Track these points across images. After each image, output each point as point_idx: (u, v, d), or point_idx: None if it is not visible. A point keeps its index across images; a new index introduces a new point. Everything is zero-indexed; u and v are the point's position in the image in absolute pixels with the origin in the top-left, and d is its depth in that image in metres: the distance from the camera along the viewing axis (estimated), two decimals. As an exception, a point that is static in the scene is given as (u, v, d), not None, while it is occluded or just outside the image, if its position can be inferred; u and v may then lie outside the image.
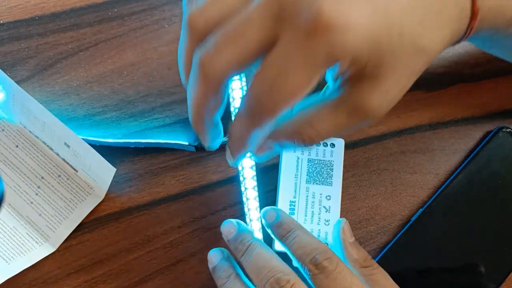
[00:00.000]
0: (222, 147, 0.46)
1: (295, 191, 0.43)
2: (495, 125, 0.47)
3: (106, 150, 0.44)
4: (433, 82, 0.49)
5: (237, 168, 0.44)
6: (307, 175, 0.43)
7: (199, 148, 0.45)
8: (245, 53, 0.28)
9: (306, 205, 0.43)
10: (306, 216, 0.43)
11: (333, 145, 0.44)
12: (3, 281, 0.41)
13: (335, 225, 0.42)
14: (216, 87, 0.29)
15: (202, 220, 0.45)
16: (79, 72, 0.47)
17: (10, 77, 0.43)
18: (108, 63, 0.47)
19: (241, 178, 0.44)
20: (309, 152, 0.44)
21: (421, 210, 0.45)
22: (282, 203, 0.43)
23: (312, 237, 0.39)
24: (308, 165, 0.44)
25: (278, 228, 0.40)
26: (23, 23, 0.48)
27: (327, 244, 0.42)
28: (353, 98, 0.30)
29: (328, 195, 0.43)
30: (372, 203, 0.46)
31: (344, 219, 0.42)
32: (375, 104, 0.30)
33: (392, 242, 0.44)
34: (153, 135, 0.46)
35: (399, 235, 0.44)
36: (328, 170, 0.44)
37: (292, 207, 0.43)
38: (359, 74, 0.29)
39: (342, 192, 0.46)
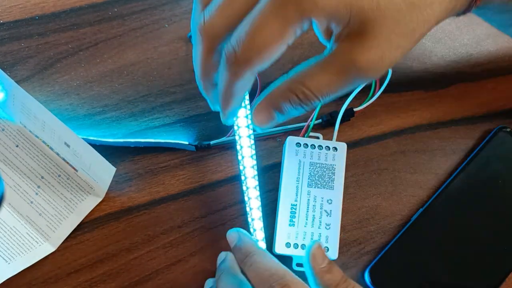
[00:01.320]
0: (222, 147, 0.46)
1: (296, 195, 0.43)
2: (495, 125, 0.47)
3: (106, 150, 0.44)
4: (433, 81, 0.49)
5: (232, 125, 0.41)
6: (308, 178, 0.43)
7: (199, 147, 0.45)
8: (234, 14, 0.31)
9: (307, 209, 0.43)
10: (307, 219, 0.42)
11: (335, 149, 0.44)
12: (3, 280, 0.41)
13: (306, 250, 0.40)
14: (212, 44, 0.32)
15: (202, 219, 0.45)
16: (79, 72, 0.47)
17: (10, 77, 0.43)
18: (108, 63, 0.47)
19: (242, 178, 0.44)
20: (311, 156, 0.44)
21: (421, 209, 0.45)
22: (283, 206, 0.43)
23: (271, 261, 0.37)
24: (310, 168, 0.43)
25: (237, 252, 0.40)
26: (23, 23, 0.48)
27: (327, 249, 0.42)
28: (342, 54, 0.32)
29: (330, 199, 0.43)
30: (372, 202, 0.46)
31: (316, 243, 0.40)
32: (364, 60, 0.31)
33: (392, 242, 0.44)
34: (153, 134, 0.46)
35: (399, 234, 0.44)
36: (330, 174, 0.43)
37: (293, 210, 0.43)
38: (347, 32, 0.31)
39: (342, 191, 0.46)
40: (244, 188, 0.43)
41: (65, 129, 0.42)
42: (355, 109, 0.46)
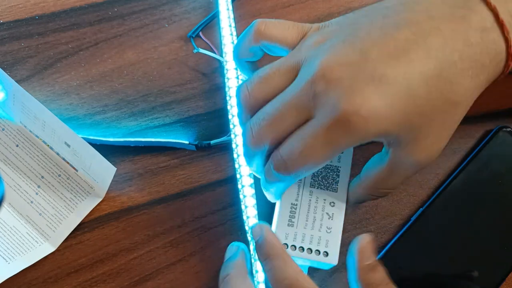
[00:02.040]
0: (222, 147, 0.46)
1: (297, 194, 0.41)
2: (495, 125, 0.47)
3: (106, 150, 0.44)
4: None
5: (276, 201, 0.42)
6: (311, 178, 0.41)
7: (199, 147, 0.45)
8: (283, 131, 0.34)
9: (308, 210, 0.40)
10: (307, 221, 0.40)
11: None
12: (3, 280, 0.41)
13: (354, 241, 0.38)
14: (257, 149, 0.36)
15: (202, 219, 0.45)
16: (79, 72, 0.47)
17: (10, 77, 0.43)
18: (108, 63, 0.47)
19: (238, 176, 0.44)
20: None
21: (421, 209, 0.45)
22: (283, 205, 0.40)
23: (291, 269, 0.36)
24: None
25: (259, 250, 0.38)
26: (23, 23, 0.48)
27: (327, 253, 0.39)
28: (401, 159, 0.34)
29: (332, 202, 0.40)
30: (372, 202, 0.46)
31: (367, 236, 0.38)
32: (423, 158, 0.34)
33: (392, 241, 0.44)
34: (153, 134, 0.46)
35: (399, 234, 0.44)
36: (334, 176, 0.41)
37: (293, 210, 0.40)
38: (399, 141, 0.33)
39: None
40: (239, 186, 0.43)
41: (65, 129, 0.42)
42: None
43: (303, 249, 0.39)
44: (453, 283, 0.43)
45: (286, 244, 0.39)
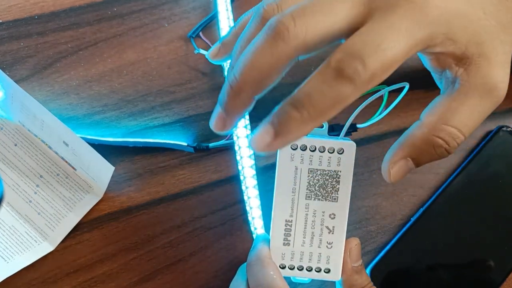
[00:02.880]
0: (221, 149, 0.46)
1: (291, 209, 0.36)
2: (495, 124, 0.47)
3: (105, 150, 0.44)
4: (434, 81, 0.49)
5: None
6: (307, 189, 0.36)
7: (198, 149, 0.45)
8: (331, 26, 0.27)
9: (305, 226, 0.36)
10: (304, 238, 0.36)
11: (341, 150, 0.36)
12: (2, 279, 0.41)
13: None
14: (286, 58, 0.28)
15: (202, 219, 0.45)
16: (78, 71, 0.47)
17: (9, 76, 0.43)
18: (107, 62, 0.47)
19: (241, 177, 0.44)
20: (311, 161, 0.36)
21: (421, 209, 0.45)
22: (276, 224, 0.36)
23: (265, 274, 0.35)
24: (308, 177, 0.36)
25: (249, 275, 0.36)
26: (23, 22, 0.47)
27: (329, 270, 0.36)
28: (477, 79, 0.30)
29: (333, 214, 0.36)
30: (373, 202, 0.46)
31: (356, 239, 0.37)
32: (499, 77, 0.30)
33: (393, 241, 0.44)
34: (152, 134, 0.46)
35: (399, 234, 0.44)
36: (334, 183, 0.36)
37: (288, 227, 0.36)
38: (468, 58, 0.30)
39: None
40: (244, 187, 0.43)
41: (64, 128, 0.42)
42: (358, 126, 0.44)
43: (302, 268, 0.36)
44: (454, 283, 0.43)
45: (283, 265, 0.36)
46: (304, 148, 0.35)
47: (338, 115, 0.44)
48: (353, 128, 0.44)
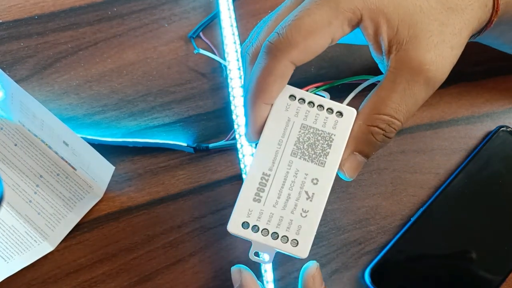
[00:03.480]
0: (220, 150, 0.46)
1: (273, 162, 0.32)
2: (496, 124, 0.47)
3: (105, 150, 0.44)
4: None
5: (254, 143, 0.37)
6: (294, 145, 0.33)
7: (198, 149, 0.45)
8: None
9: (283, 185, 0.32)
10: (279, 198, 0.32)
11: (340, 114, 0.33)
12: (2, 279, 0.41)
13: (302, 269, 0.36)
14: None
15: (202, 219, 0.45)
16: (78, 72, 0.47)
17: (9, 76, 0.43)
18: (107, 63, 0.47)
19: (243, 176, 0.44)
20: (306, 116, 0.33)
21: (421, 209, 0.45)
22: (252, 174, 0.32)
23: None
24: (299, 132, 0.33)
25: None
26: (23, 22, 0.47)
27: (296, 242, 0.32)
28: (404, 64, 0.31)
29: (316, 179, 0.32)
30: (372, 202, 0.46)
31: (315, 263, 0.36)
32: (427, 59, 0.31)
33: (393, 241, 0.44)
34: (152, 134, 0.46)
35: (399, 234, 0.44)
36: (325, 145, 0.33)
37: (264, 182, 0.32)
38: (399, 41, 0.31)
39: (342, 191, 0.45)
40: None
41: (63, 128, 0.42)
42: None
43: (267, 232, 0.32)
44: (454, 283, 0.43)
45: (247, 223, 0.32)
46: (302, 102, 0.33)
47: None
48: None
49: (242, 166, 0.44)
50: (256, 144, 0.34)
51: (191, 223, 0.45)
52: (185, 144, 0.45)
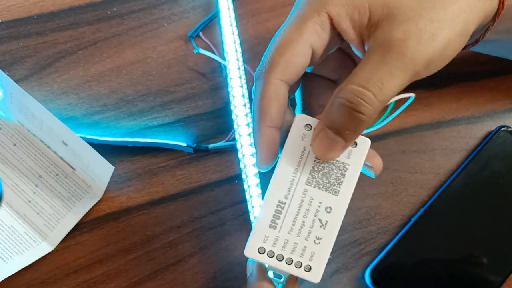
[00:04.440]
0: (219, 150, 0.46)
1: (288, 191, 0.33)
2: (496, 124, 0.47)
3: (105, 150, 0.43)
4: (434, 81, 0.48)
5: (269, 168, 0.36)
6: (309, 174, 0.33)
7: (197, 149, 0.45)
8: None
9: (298, 212, 0.33)
10: (293, 225, 0.33)
11: (354, 144, 0.34)
12: (1, 280, 0.41)
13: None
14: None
15: (202, 220, 0.45)
16: (78, 71, 0.47)
17: (8, 76, 0.43)
18: (107, 62, 0.47)
19: (243, 176, 0.44)
20: None
21: (422, 209, 0.45)
22: (269, 201, 0.33)
23: None
24: (314, 161, 0.33)
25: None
26: (22, 22, 0.47)
27: (310, 267, 0.33)
28: (378, 40, 0.31)
29: (329, 207, 0.33)
30: (373, 202, 0.46)
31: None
32: (400, 34, 0.30)
33: (393, 242, 0.44)
34: (152, 134, 0.46)
35: (399, 235, 0.44)
36: (339, 175, 0.33)
37: (280, 209, 0.33)
38: (374, 25, 0.32)
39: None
40: (246, 186, 0.43)
41: (63, 128, 0.42)
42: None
43: (282, 257, 0.33)
44: (454, 283, 0.43)
45: (263, 248, 0.33)
46: None
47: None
48: None
49: (242, 166, 0.44)
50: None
51: (190, 223, 0.45)
52: (184, 144, 0.45)
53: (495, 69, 0.49)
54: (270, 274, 0.35)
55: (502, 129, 0.46)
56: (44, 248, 0.43)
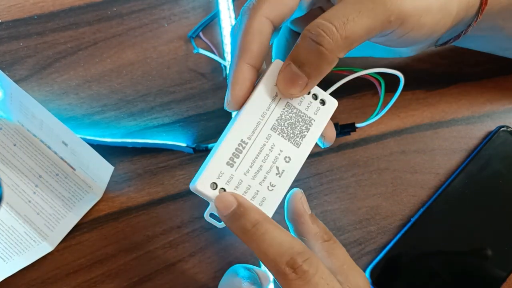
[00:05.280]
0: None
1: (253, 132, 0.33)
2: (496, 124, 0.47)
3: (105, 150, 0.43)
4: (434, 81, 0.49)
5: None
6: (276, 120, 0.33)
7: (197, 150, 0.45)
8: None
9: (258, 155, 0.33)
10: (251, 167, 0.33)
11: (323, 102, 0.34)
12: (1, 280, 0.41)
13: (288, 198, 0.35)
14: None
15: (202, 220, 0.45)
16: (78, 72, 0.47)
17: (8, 76, 0.43)
18: (107, 62, 0.47)
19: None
20: None
21: (421, 209, 0.45)
22: (231, 138, 0.33)
23: (284, 232, 0.31)
24: (283, 109, 0.34)
25: (240, 218, 0.32)
26: (22, 22, 0.47)
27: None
28: None
29: (288, 157, 0.33)
30: (373, 203, 0.46)
31: (299, 190, 0.35)
32: None
33: (393, 242, 0.44)
34: (152, 134, 0.46)
35: (399, 235, 0.44)
36: (303, 128, 0.34)
37: (240, 149, 0.32)
38: None
39: (342, 191, 0.45)
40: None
41: (63, 128, 0.42)
42: (357, 125, 0.43)
43: None
44: (454, 283, 0.43)
45: (215, 184, 0.32)
46: None
47: (337, 115, 0.44)
48: (351, 127, 0.44)
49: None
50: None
51: (190, 223, 0.45)
52: (184, 145, 0.45)
53: (494, 69, 0.49)
54: (207, 216, 0.34)
55: (502, 129, 0.46)
56: (44, 248, 0.43)
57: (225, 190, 0.32)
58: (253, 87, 0.34)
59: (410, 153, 0.47)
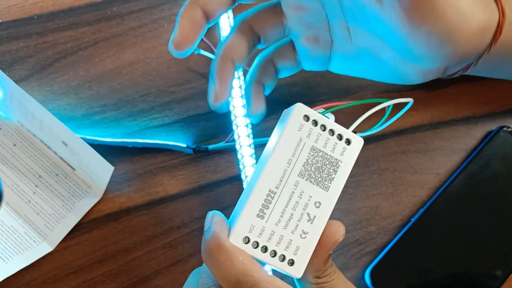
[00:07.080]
0: (219, 151, 0.46)
1: (280, 180, 0.32)
2: (496, 125, 0.47)
3: (105, 150, 0.43)
4: (434, 81, 0.48)
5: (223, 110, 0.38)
6: (303, 166, 0.32)
7: (197, 150, 0.45)
8: None
9: (287, 204, 0.32)
10: (281, 217, 0.32)
11: (348, 141, 0.33)
12: (1, 280, 0.41)
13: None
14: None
15: (202, 220, 0.45)
16: (78, 72, 0.47)
17: (8, 76, 0.42)
18: (107, 63, 0.47)
19: (243, 176, 0.44)
20: (317, 139, 0.33)
21: (422, 210, 0.45)
22: (259, 189, 0.32)
23: (235, 262, 0.30)
24: (309, 154, 0.33)
25: (202, 244, 0.31)
26: (22, 22, 0.47)
27: (292, 262, 0.32)
28: None
29: (319, 202, 0.32)
30: (373, 203, 0.46)
31: (342, 226, 0.33)
32: None
33: (393, 242, 0.44)
34: (152, 134, 0.46)
35: (399, 235, 0.44)
36: (331, 171, 0.33)
37: (269, 199, 0.32)
38: None
39: (342, 191, 0.45)
40: (245, 186, 0.43)
41: (62, 128, 0.42)
42: (358, 135, 0.43)
43: (266, 249, 0.32)
44: (454, 283, 0.43)
45: (247, 238, 0.31)
46: (315, 124, 0.33)
47: (337, 120, 0.44)
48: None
49: (241, 166, 0.44)
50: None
51: (190, 223, 0.45)
52: (184, 145, 0.45)
53: (495, 69, 0.49)
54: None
55: (502, 129, 0.46)
56: (44, 248, 0.43)
57: (258, 244, 0.31)
58: (275, 133, 0.34)
59: (410, 153, 0.47)
